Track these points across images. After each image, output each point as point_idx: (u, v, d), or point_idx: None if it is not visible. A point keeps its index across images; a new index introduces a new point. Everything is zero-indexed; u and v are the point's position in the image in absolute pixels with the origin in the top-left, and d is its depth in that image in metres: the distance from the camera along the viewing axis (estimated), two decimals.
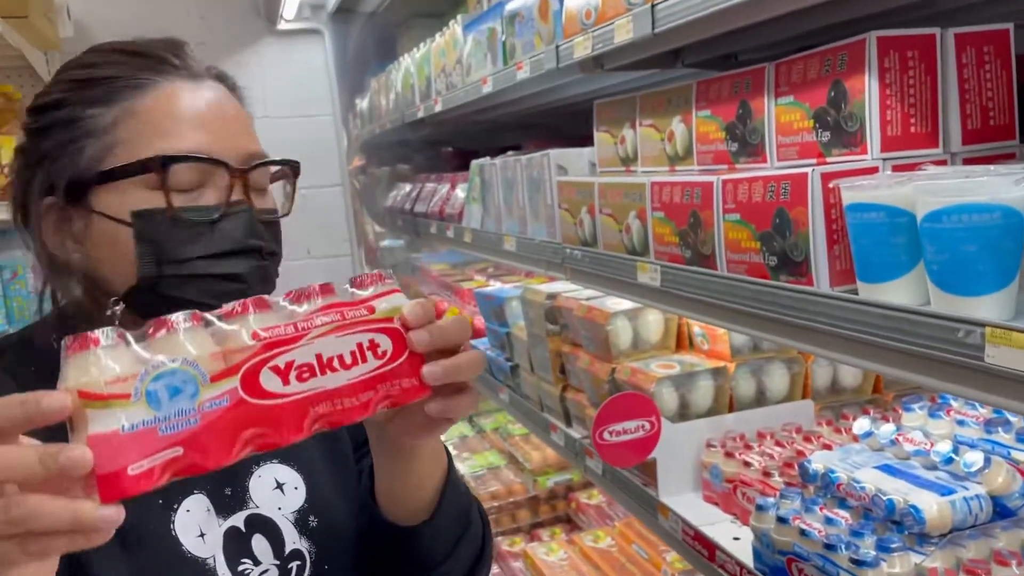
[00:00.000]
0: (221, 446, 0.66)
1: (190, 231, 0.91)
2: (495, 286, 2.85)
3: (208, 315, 0.69)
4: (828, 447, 1.45)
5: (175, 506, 0.92)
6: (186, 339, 0.66)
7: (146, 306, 0.91)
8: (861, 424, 1.34)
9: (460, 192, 2.79)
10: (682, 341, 1.79)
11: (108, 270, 0.93)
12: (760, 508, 1.27)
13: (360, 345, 0.73)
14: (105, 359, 0.62)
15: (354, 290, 0.76)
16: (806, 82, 1.15)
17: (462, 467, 3.11)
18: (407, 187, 3.52)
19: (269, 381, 0.68)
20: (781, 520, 1.22)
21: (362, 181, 4.17)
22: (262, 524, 0.96)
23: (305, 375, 0.70)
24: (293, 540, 0.97)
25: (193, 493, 0.93)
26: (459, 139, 3.69)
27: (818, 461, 1.30)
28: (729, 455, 1.48)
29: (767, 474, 1.39)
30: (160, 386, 0.63)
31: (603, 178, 1.63)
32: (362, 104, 3.97)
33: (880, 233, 0.93)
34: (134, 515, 0.80)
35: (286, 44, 3.92)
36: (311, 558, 0.98)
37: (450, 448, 3.27)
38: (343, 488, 1.05)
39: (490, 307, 2.51)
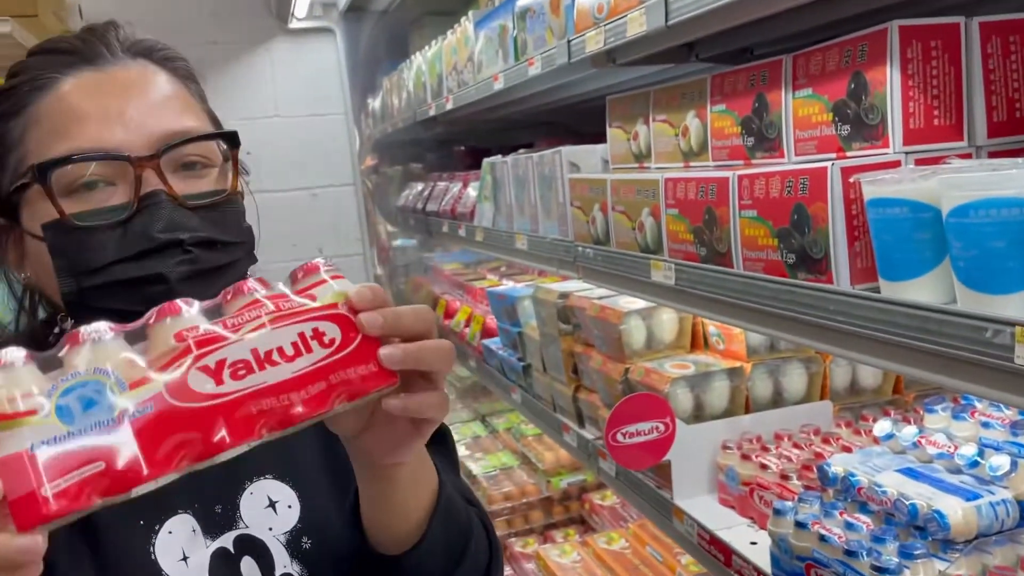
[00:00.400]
0: (150, 458, 0.59)
1: (100, 236, 0.84)
2: (507, 285, 2.83)
3: (128, 325, 0.64)
4: (848, 449, 1.41)
5: (156, 528, 0.86)
6: (98, 349, 0.61)
7: (83, 318, 0.81)
8: (882, 426, 1.31)
9: (472, 191, 2.77)
10: (697, 341, 1.75)
11: (47, 287, 0.90)
12: (778, 512, 1.24)
13: (302, 335, 0.66)
14: (7, 379, 0.58)
15: (292, 279, 0.71)
16: (825, 74, 1.11)
17: (475, 467, 3.08)
18: (419, 186, 3.51)
19: (199, 382, 0.62)
20: (800, 525, 1.19)
21: (374, 180, 4.16)
22: (251, 545, 0.89)
23: (241, 372, 0.63)
24: (284, 563, 0.90)
25: (177, 513, 0.87)
26: (471, 137, 3.67)
27: (838, 464, 1.27)
28: (746, 457, 1.45)
29: (785, 477, 1.36)
30: (71, 399, 0.58)
31: (615, 175, 1.60)
32: (374, 103, 3.95)
33: (903, 229, 0.90)
34: (113, 538, 0.82)
35: (298, 43, 3.91)
36: None
37: (462, 448, 3.27)
38: (342, 507, 0.95)
39: (502, 306, 2.48)
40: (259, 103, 3.78)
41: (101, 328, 0.62)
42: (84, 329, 0.62)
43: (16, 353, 0.59)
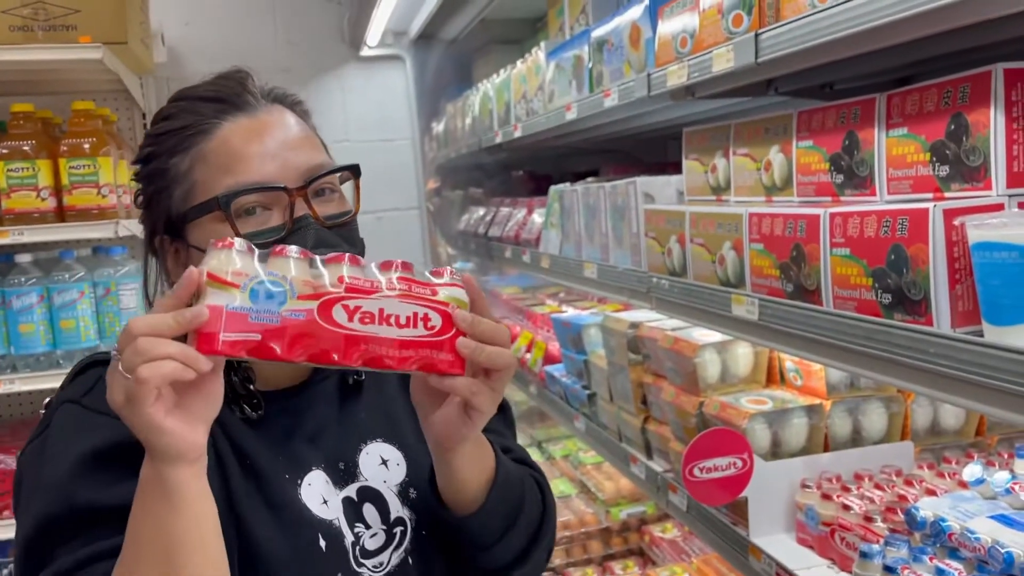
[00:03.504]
0: (287, 346, 0.84)
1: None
2: (569, 312, 2.83)
3: (315, 255, 0.88)
4: (931, 492, 1.38)
5: (299, 481, 1.06)
6: (293, 264, 0.86)
7: None
8: (972, 471, 1.28)
9: (537, 217, 2.78)
10: (773, 376, 1.74)
11: None
12: (865, 555, 1.22)
13: (415, 314, 0.88)
14: (234, 257, 0.84)
15: (428, 275, 0.92)
16: (922, 114, 1.11)
17: None
18: (480, 211, 3.54)
19: (339, 314, 0.86)
20: (888, 569, 1.17)
21: (436, 203, 4.21)
22: (371, 495, 1.10)
23: (366, 320, 0.87)
24: (397, 509, 1.10)
25: (312, 470, 1.07)
26: (532, 163, 3.70)
27: (927, 508, 1.24)
28: (826, 497, 1.42)
29: (869, 519, 1.33)
30: (261, 288, 0.84)
31: (695, 207, 1.60)
32: (438, 128, 4.01)
33: (1011, 273, 0.89)
34: (272, 486, 1.04)
35: (368, 70, 3.99)
36: (412, 524, 1.11)
37: None
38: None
39: (567, 334, 2.49)
40: (330, 128, 3.83)
41: (294, 251, 0.86)
42: (288, 248, 0.87)
43: (243, 244, 0.86)
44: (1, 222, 2.43)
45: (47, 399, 1.10)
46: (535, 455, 3.52)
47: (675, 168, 1.87)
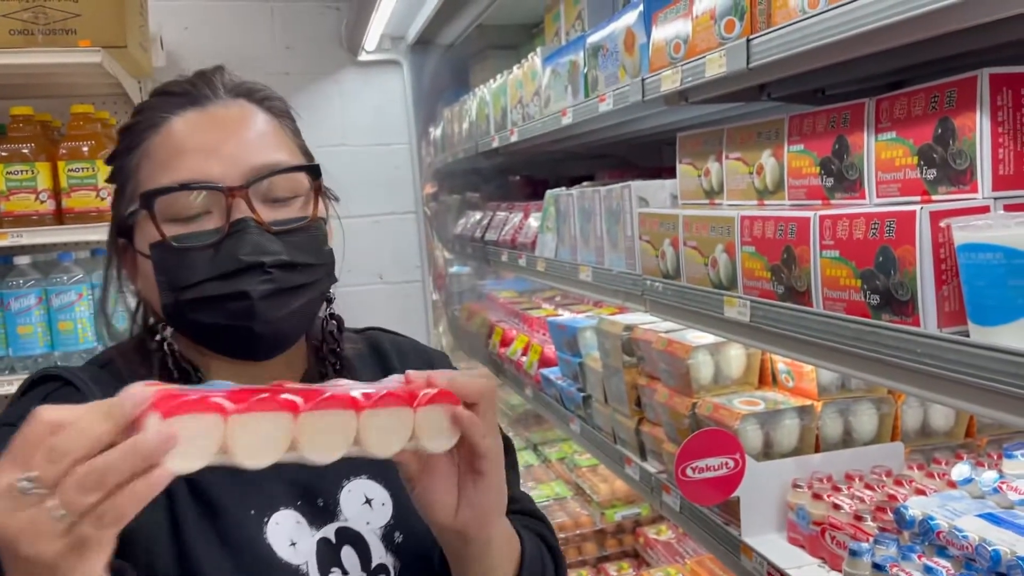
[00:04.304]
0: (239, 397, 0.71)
1: (194, 257, 0.95)
2: (565, 315, 2.85)
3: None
4: (921, 492, 1.40)
5: (265, 519, 0.96)
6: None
7: (186, 331, 1.01)
8: (960, 470, 1.30)
9: (533, 221, 2.80)
10: (765, 377, 1.75)
11: (151, 300, 1.02)
12: (854, 553, 1.23)
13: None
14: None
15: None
16: (910, 118, 1.13)
17: None
18: (477, 215, 3.56)
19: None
20: (877, 567, 1.18)
21: (433, 208, 4.23)
22: (351, 537, 1.00)
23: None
24: (380, 555, 1.00)
25: (280, 509, 0.97)
26: (528, 168, 3.72)
27: (915, 507, 1.26)
28: (817, 496, 1.44)
29: (859, 518, 1.35)
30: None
31: (688, 210, 1.62)
32: (435, 132, 4.03)
33: (996, 275, 0.90)
34: (232, 524, 0.93)
35: (366, 74, 4.01)
36: (395, 572, 1.01)
37: None
38: None
39: (563, 337, 2.50)
40: (327, 132, 3.88)
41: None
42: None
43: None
44: (0, 224, 2.44)
45: None
46: (530, 458, 3.54)
47: (670, 173, 1.89)
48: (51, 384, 0.98)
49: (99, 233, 2.47)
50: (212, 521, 0.93)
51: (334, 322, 1.12)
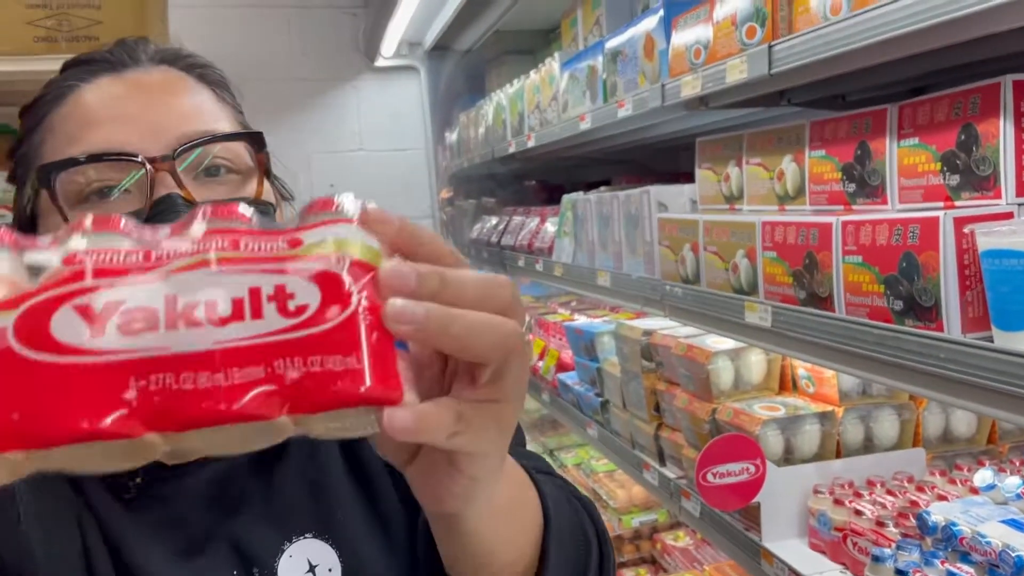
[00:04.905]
0: None
1: None
2: (582, 320, 2.85)
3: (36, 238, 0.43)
4: (943, 498, 1.40)
5: None
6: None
7: None
8: (983, 476, 1.30)
9: (550, 226, 2.81)
10: (785, 383, 1.75)
11: None
12: (876, 559, 1.23)
13: (254, 291, 0.41)
14: None
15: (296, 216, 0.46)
16: (933, 124, 1.13)
17: None
18: (493, 220, 3.57)
19: (68, 326, 0.40)
20: (900, 573, 1.18)
21: (449, 212, 4.25)
22: None
23: (136, 325, 0.40)
24: None
25: None
26: (544, 172, 3.73)
27: (938, 513, 1.26)
28: (838, 502, 1.44)
29: (881, 524, 1.35)
30: None
31: (708, 216, 1.62)
32: (451, 137, 4.05)
33: (1020, 280, 0.90)
34: None
35: (383, 80, 4.04)
36: None
37: None
38: (392, 564, 0.81)
39: (580, 341, 2.51)
40: (344, 137, 3.91)
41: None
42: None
43: None
44: None
45: None
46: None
47: (687, 177, 1.90)
48: None
49: None
50: None
51: None
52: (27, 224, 0.79)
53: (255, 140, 0.80)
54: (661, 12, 1.75)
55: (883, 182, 1.22)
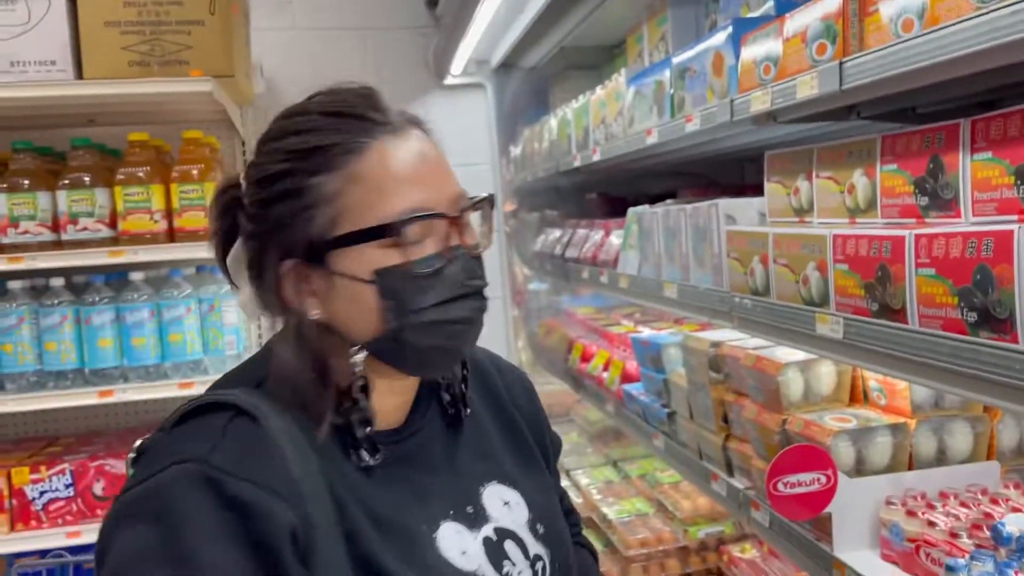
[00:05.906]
0: None
1: (423, 282, 0.99)
2: (647, 332, 2.88)
3: None
4: (1017, 510, 1.39)
5: (433, 535, 1.01)
6: None
7: (387, 352, 1.03)
8: None
9: (615, 239, 2.85)
10: (856, 395, 1.76)
11: (348, 322, 1.01)
12: (950, 569, 1.24)
13: None
14: None
15: None
16: (1007, 139, 1.14)
17: (608, 511, 3.12)
18: (557, 232, 3.62)
19: None
20: None
21: (512, 225, 4.32)
22: (508, 533, 1.07)
23: None
24: (533, 546, 1.09)
25: (440, 525, 1.03)
26: (606, 185, 3.77)
27: (1012, 524, 1.26)
28: (911, 514, 1.44)
29: (954, 535, 1.35)
30: None
31: (778, 228, 1.64)
32: (516, 151, 4.13)
33: None
34: (413, 544, 0.99)
35: (452, 97, 4.14)
36: (547, 560, 1.10)
37: (593, 492, 3.31)
38: (545, 492, 1.18)
39: (646, 353, 2.54)
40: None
41: None
42: None
43: None
44: (118, 242, 2.62)
45: (139, 440, 1.00)
46: (610, 474, 3.57)
47: (752, 190, 1.92)
48: (223, 414, 0.94)
49: (207, 250, 2.62)
50: (399, 547, 0.96)
51: None
52: (320, 248, 0.99)
53: (492, 202, 1.09)
54: (730, 29, 1.78)
55: (956, 195, 1.23)
